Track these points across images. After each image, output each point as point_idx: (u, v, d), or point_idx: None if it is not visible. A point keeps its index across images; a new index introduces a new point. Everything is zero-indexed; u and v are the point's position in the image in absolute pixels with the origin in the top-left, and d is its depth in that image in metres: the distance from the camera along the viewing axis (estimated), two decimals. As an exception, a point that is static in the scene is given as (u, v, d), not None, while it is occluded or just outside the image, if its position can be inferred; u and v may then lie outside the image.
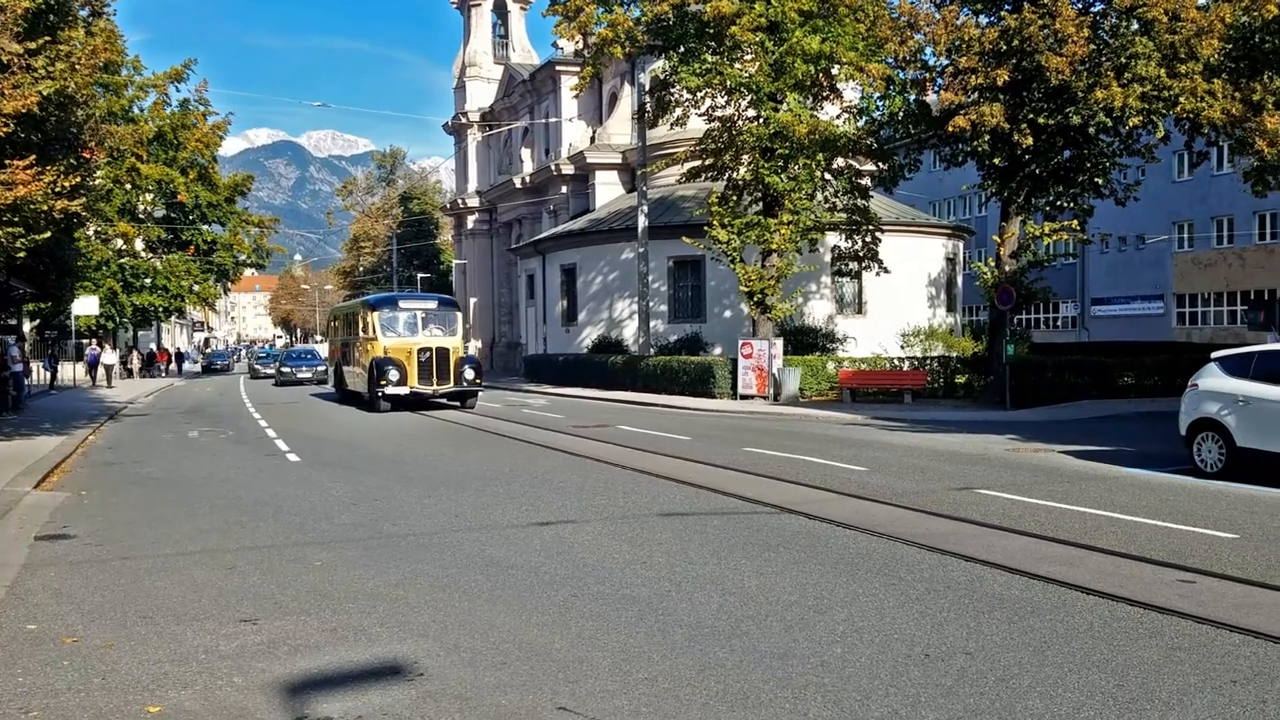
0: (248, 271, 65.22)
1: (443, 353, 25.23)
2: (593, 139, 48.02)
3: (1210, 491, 11.56)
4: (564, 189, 50.12)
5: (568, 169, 49.04)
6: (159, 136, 45.19)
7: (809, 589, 7.26)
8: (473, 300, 60.08)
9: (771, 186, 26.10)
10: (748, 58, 26.06)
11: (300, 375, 43.90)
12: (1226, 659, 5.58)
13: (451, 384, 25.30)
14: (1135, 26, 21.13)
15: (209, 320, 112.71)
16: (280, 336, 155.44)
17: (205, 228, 49.20)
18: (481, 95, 62.24)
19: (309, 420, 24.23)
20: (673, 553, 8.51)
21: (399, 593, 7.26)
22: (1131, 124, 21.63)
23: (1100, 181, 24.24)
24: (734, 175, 27.89)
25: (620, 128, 46.12)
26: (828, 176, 28.10)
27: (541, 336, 43.06)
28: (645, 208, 32.22)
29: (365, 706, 5.00)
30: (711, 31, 25.41)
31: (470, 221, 64.11)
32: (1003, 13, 22.67)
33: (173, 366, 58.95)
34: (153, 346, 58.33)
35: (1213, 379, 13.02)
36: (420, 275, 71.61)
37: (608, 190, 46.42)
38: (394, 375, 24.70)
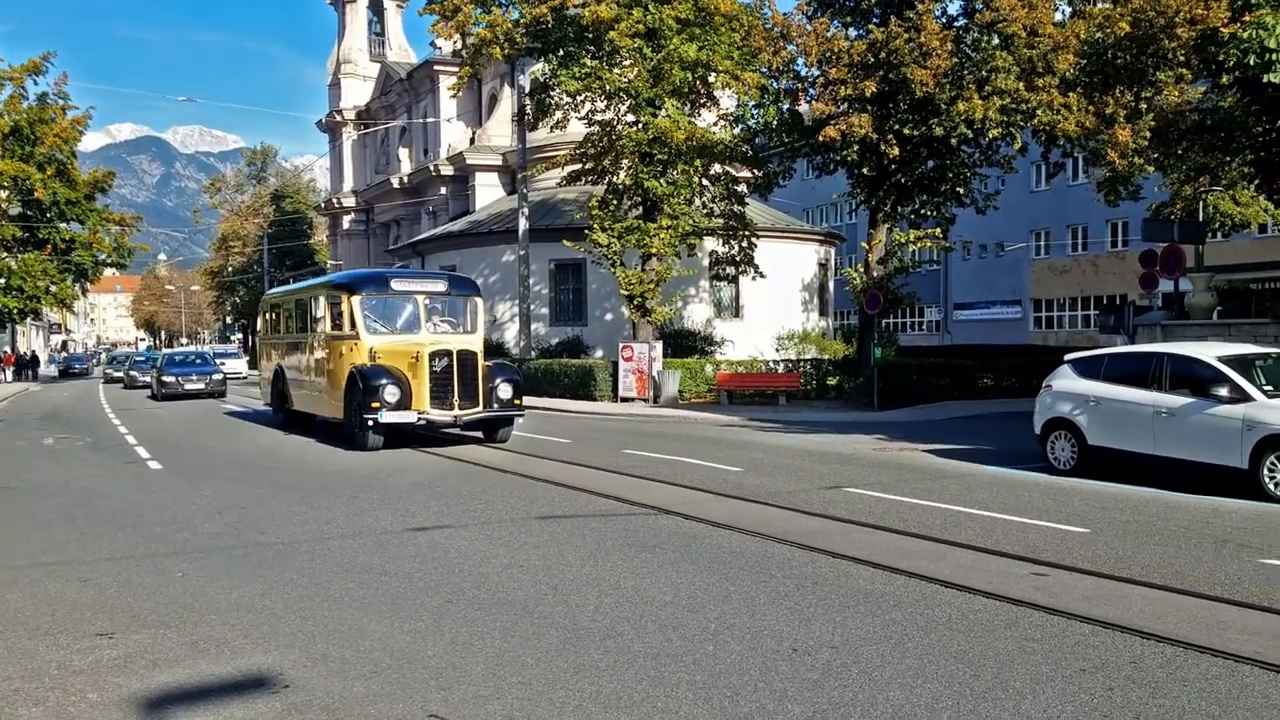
0: (108, 271, 62.43)
1: (467, 359, 16.94)
2: (472, 140, 47.60)
3: (1063, 488, 12.14)
4: (443, 190, 49.55)
5: (447, 170, 48.51)
6: (15, 131, 42.99)
7: (683, 588, 7.36)
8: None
9: (651, 191, 26.32)
10: (626, 63, 26.24)
11: (189, 386, 34.21)
12: (1076, 649, 5.87)
13: (480, 406, 16.93)
14: (996, 41, 22.03)
15: (66, 322, 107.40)
16: (143, 339, 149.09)
17: (63, 226, 46.81)
18: (357, 93, 61.05)
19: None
20: (550, 556, 8.51)
21: (264, 602, 7.07)
22: (991, 135, 22.54)
23: (962, 191, 25.23)
24: (614, 179, 28.04)
25: (500, 129, 45.83)
26: (705, 182, 28.50)
27: (419, 339, 42.21)
28: (526, 210, 32.09)
29: (228, 720, 4.87)
30: (590, 36, 25.49)
31: (346, 221, 62.78)
32: (871, 26, 23.39)
33: (27, 371, 55.92)
34: (6, 349, 55.24)
35: (1065, 380, 13.69)
36: (292, 276, 69.63)
37: (488, 192, 46.08)
38: (392, 393, 16.35)
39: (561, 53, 26.44)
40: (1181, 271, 18.58)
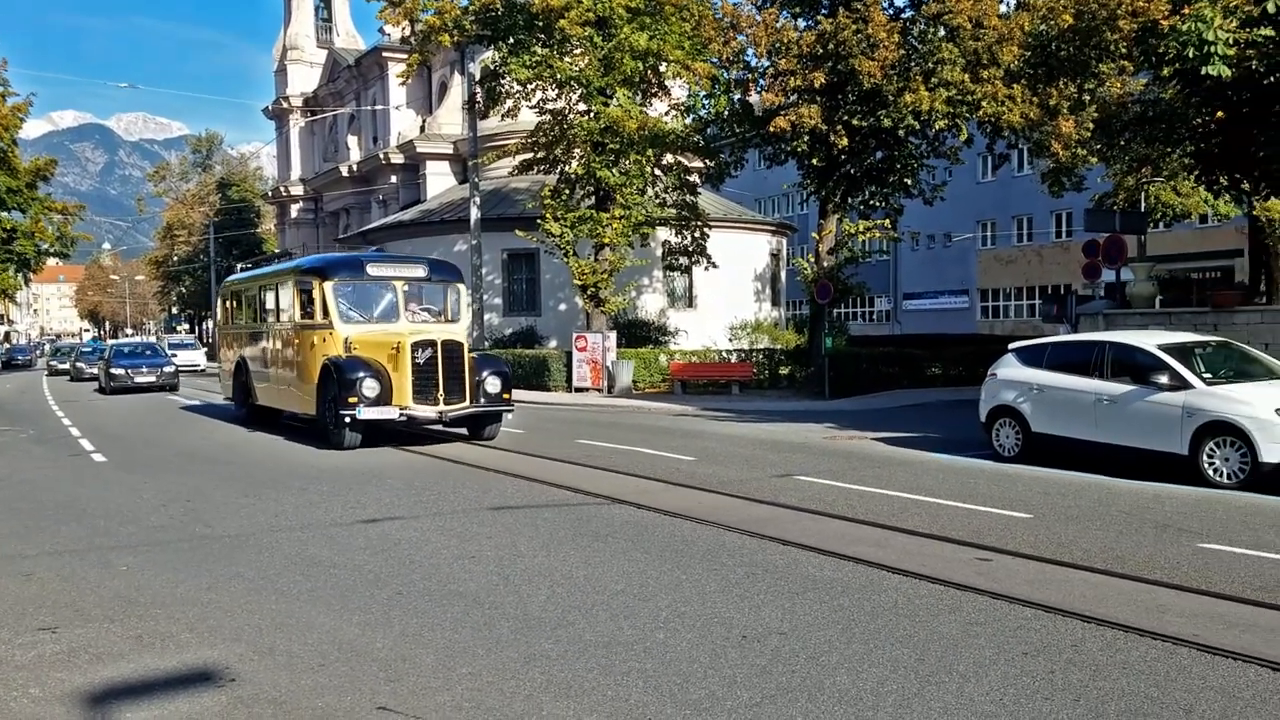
0: (51, 261, 61.02)
1: (452, 350, 15.75)
2: (423, 128, 47.16)
3: (1007, 474, 12.36)
4: (393, 178, 49.06)
5: (397, 158, 48.03)
6: (-50, 119, 41.70)
7: (635, 577, 7.39)
8: (297, 292, 57.94)
9: (603, 181, 26.29)
10: (577, 51, 26.15)
11: (140, 379, 32.75)
12: (1019, 632, 5.97)
13: (467, 401, 15.85)
14: (942, 33, 22.27)
15: (9, 313, 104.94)
16: (87, 330, 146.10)
17: (4, 215, 45.59)
18: (304, 80, 60.23)
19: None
20: (502, 546, 8.50)
21: (211, 596, 6.99)
22: (938, 127, 22.80)
23: (910, 182, 25.51)
24: (566, 169, 27.95)
25: (451, 117, 45.44)
26: (658, 172, 28.51)
27: (371, 330, 41.78)
28: (478, 199, 31.89)
29: (172, 715, 4.82)
30: (541, 24, 25.37)
31: (294, 210, 61.97)
32: (819, 17, 23.51)
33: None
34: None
35: (1009, 369, 13.91)
36: (239, 266, 68.62)
37: (439, 181, 45.70)
38: (370, 387, 15.21)
39: (512, 40, 26.28)
40: (1123, 261, 18.93)
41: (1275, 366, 12.60)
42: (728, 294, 35.10)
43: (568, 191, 27.81)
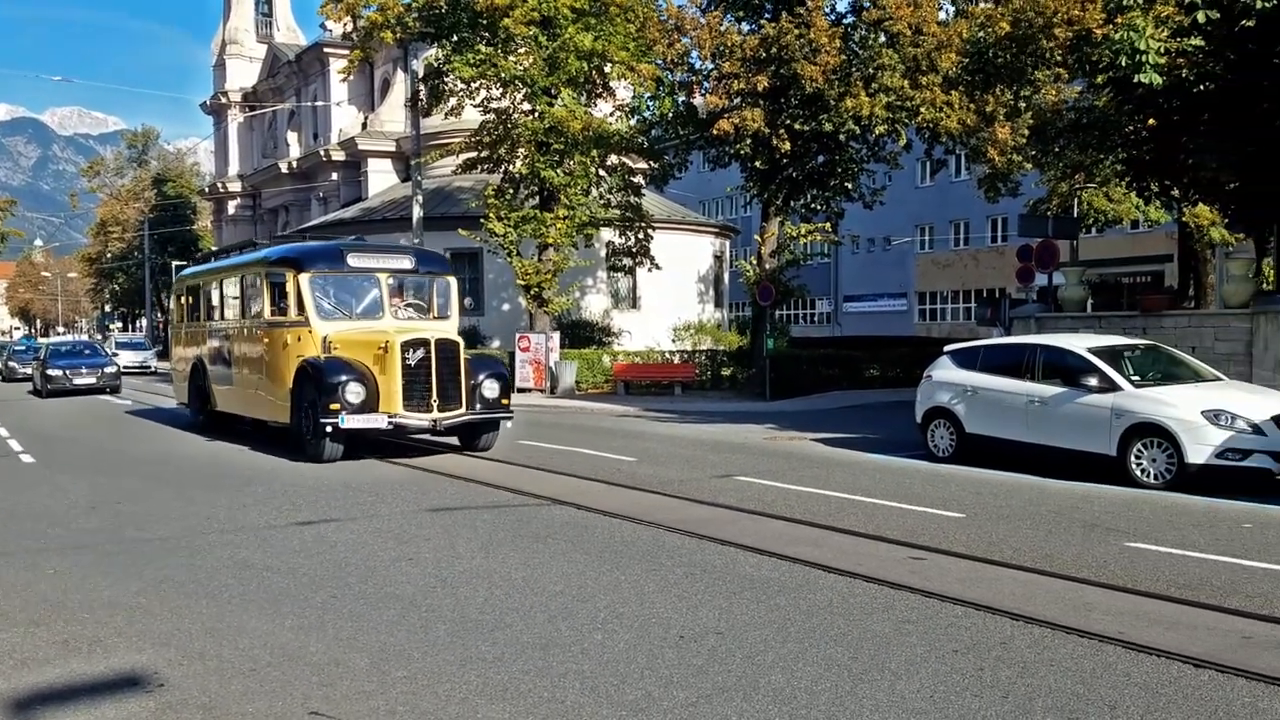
0: (-23, 257, 59.39)
1: (447, 351, 14.18)
2: (365, 125, 46.66)
3: (942, 475, 12.55)
4: (334, 175, 48.47)
5: (338, 155, 47.45)
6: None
7: (574, 578, 7.39)
8: (235, 291, 57.02)
9: (547, 181, 26.21)
10: (522, 51, 26.04)
11: (80, 381, 30.58)
12: (950, 630, 6.07)
13: (463, 408, 14.24)
14: (882, 39, 22.55)
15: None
16: (18, 328, 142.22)
17: (-66, 211, 44.32)
18: (243, 75, 59.28)
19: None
20: (440, 548, 8.45)
21: (140, 600, 6.86)
22: (878, 132, 23.08)
23: (850, 186, 25.80)
24: (510, 168, 27.81)
25: (394, 114, 45.00)
26: (602, 173, 28.50)
27: (310, 329, 41.16)
28: (420, 198, 31.57)
29: (99, 722, 4.72)
30: (485, 22, 25.23)
31: (232, 207, 60.97)
32: (763, 21, 23.67)
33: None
34: None
35: (944, 370, 14.13)
36: (175, 264, 67.26)
37: (381, 179, 45.26)
38: (355, 392, 13.60)
39: (456, 38, 26.11)
40: (1056, 265, 19.34)
41: (1201, 369, 12.96)
42: (671, 295, 35.20)
43: (512, 191, 27.68)
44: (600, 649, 5.76)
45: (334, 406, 13.40)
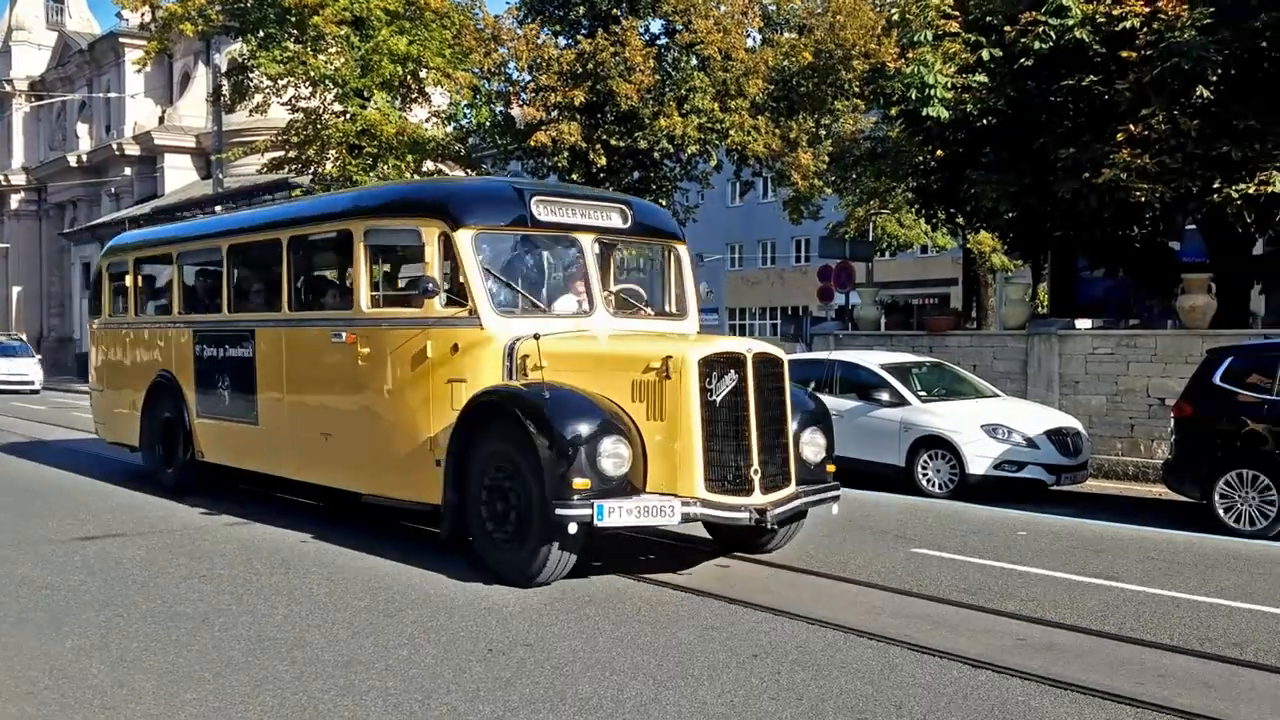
0: None
1: (770, 376, 7.69)
2: (162, 119, 44.30)
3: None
4: (128, 170, 45.80)
5: (132, 149, 44.86)
6: None
7: (380, 593, 7.23)
8: (16, 290, 53.19)
9: (360, 186, 25.54)
10: (333, 50, 25.34)
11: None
12: (750, 635, 6.26)
13: (792, 483, 7.78)
14: (694, 62, 23.13)
15: None
16: None
17: None
18: (31, 62, 55.37)
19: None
20: (236, 564, 8.09)
21: (-105, 627, 6.26)
22: (690, 151, 23.64)
23: (664, 203, 26.27)
24: (320, 170, 26.94)
25: (194, 109, 42.92)
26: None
27: (96, 332, 38.55)
28: (219, 197, 30.17)
29: None
30: (294, 19, 24.40)
31: (15, 201, 56.80)
32: (579, 36, 23.87)
33: None
34: None
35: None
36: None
37: (179, 175, 43.11)
38: (614, 456, 7.09)
39: (262, 34, 25.11)
40: (852, 286, 20.35)
41: (982, 386, 13.93)
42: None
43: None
44: (406, 665, 5.66)
45: (580, 484, 7.01)
